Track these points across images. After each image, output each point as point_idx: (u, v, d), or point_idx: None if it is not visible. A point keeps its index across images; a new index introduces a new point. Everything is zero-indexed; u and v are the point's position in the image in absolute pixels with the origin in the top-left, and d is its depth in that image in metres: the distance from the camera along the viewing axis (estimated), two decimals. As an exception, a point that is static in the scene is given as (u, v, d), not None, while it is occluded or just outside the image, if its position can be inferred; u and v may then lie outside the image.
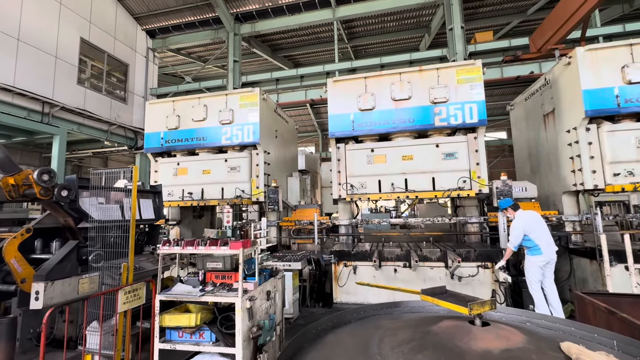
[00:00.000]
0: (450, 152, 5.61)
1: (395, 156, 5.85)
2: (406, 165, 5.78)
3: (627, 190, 4.91)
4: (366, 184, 5.92)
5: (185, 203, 6.78)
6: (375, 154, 5.94)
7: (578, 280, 5.43)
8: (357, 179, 5.98)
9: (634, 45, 5.10)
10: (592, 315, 2.92)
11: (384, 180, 5.85)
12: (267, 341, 2.79)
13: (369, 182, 5.92)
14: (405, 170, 5.79)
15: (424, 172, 5.70)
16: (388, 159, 5.87)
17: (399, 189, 5.74)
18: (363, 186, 5.93)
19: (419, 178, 5.72)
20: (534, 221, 4.52)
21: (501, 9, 11.85)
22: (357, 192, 5.93)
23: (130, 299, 3.10)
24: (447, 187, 5.57)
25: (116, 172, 4.43)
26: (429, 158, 5.70)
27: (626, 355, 1.67)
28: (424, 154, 5.73)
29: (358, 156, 6.04)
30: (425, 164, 5.71)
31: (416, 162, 5.74)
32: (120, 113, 11.25)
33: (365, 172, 5.96)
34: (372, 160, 5.93)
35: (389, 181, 5.82)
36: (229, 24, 11.67)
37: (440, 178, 5.63)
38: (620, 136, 5.00)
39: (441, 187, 5.61)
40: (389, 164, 5.85)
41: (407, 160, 5.78)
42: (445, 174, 5.62)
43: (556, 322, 2.10)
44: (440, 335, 1.61)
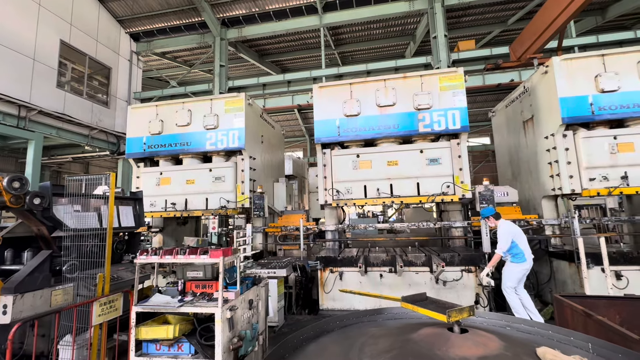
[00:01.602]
0: (434, 158, 5.69)
1: (380, 162, 5.90)
2: (391, 170, 5.84)
3: (602, 194, 5.09)
4: (352, 190, 5.94)
5: (168, 214, 6.61)
6: (361, 160, 5.98)
7: (558, 282, 5.56)
8: (343, 185, 5.99)
9: (606, 55, 5.32)
10: (570, 317, 2.98)
11: (369, 186, 5.89)
12: (249, 352, 2.72)
13: (355, 188, 5.94)
14: (391, 175, 5.84)
15: (409, 178, 5.77)
16: (373, 164, 5.91)
17: (384, 194, 5.78)
18: (349, 191, 5.94)
19: (404, 183, 5.78)
20: (518, 230, 4.63)
21: (483, 18, 12.23)
22: (343, 198, 5.94)
23: (106, 310, 2.99)
24: (432, 192, 5.64)
25: (96, 178, 4.29)
26: (413, 163, 5.78)
27: (600, 358, 1.70)
28: (408, 160, 5.80)
29: (344, 162, 6.06)
30: (410, 170, 5.78)
31: (401, 167, 5.81)
32: (102, 117, 10.97)
33: (351, 177, 5.98)
34: (357, 165, 5.96)
35: (374, 186, 5.86)
36: (216, 28, 11.60)
37: (424, 183, 5.71)
38: (595, 142, 5.19)
39: (426, 192, 5.68)
40: (375, 169, 5.89)
41: (392, 166, 5.83)
42: (429, 179, 5.70)
43: (534, 326, 2.13)
44: (420, 343, 1.60)
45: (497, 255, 4.56)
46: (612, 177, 5.07)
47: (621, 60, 5.27)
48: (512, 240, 4.54)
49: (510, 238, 4.54)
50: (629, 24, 12.71)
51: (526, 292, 4.61)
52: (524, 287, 4.66)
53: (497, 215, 4.79)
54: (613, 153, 5.09)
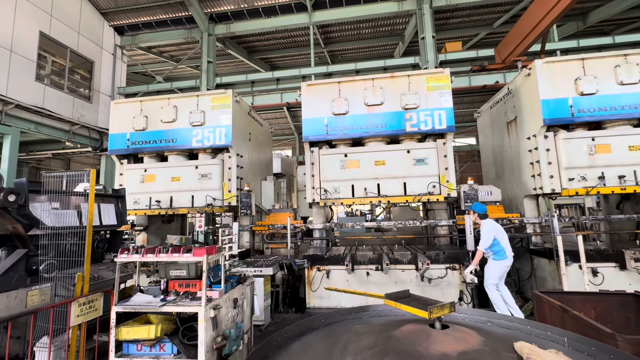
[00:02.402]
0: (421, 158, 5.76)
1: (368, 161, 5.93)
2: (379, 170, 5.88)
3: (581, 194, 5.26)
4: (340, 189, 5.95)
5: (152, 212, 6.47)
6: (349, 159, 6.00)
7: (538, 279, 5.73)
8: (330, 184, 6.00)
9: (585, 59, 5.50)
10: (549, 313, 3.08)
11: (357, 185, 5.91)
12: (233, 351, 2.69)
13: (343, 187, 5.96)
14: (378, 175, 5.88)
15: (396, 177, 5.82)
16: (361, 164, 5.94)
17: (371, 194, 5.81)
18: (337, 191, 5.96)
19: (391, 183, 5.83)
20: (500, 228, 4.76)
21: (470, 21, 12.44)
22: (330, 197, 5.95)
23: (86, 311, 2.90)
24: (418, 191, 5.71)
25: (76, 175, 4.15)
26: (400, 163, 5.83)
27: (575, 352, 1.76)
28: (395, 160, 5.85)
29: (332, 161, 6.07)
30: (397, 170, 5.83)
31: (388, 167, 5.86)
32: (84, 112, 10.64)
33: (339, 177, 5.99)
34: (345, 165, 5.98)
35: (362, 186, 5.89)
36: (203, 24, 11.41)
37: (411, 183, 5.77)
38: (575, 143, 5.35)
39: (412, 192, 5.74)
40: (362, 169, 5.92)
41: (379, 166, 5.88)
42: (416, 179, 5.76)
43: (514, 321, 2.18)
44: (402, 340, 1.62)
45: (479, 252, 4.67)
46: (590, 177, 5.24)
47: (600, 65, 5.45)
48: (494, 237, 4.66)
49: (492, 236, 4.66)
50: (609, 30, 13.16)
51: (507, 288, 4.73)
52: (505, 283, 4.79)
53: (484, 215, 4.90)
54: (591, 154, 5.27)
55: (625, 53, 5.44)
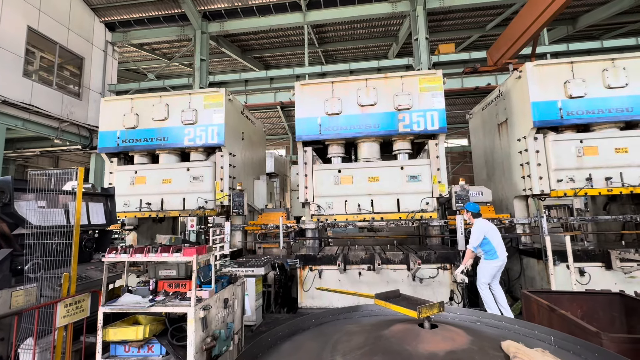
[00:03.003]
0: (414, 175, 5.78)
1: (361, 177, 5.93)
2: (372, 186, 5.88)
3: (569, 195, 5.36)
4: (333, 205, 5.95)
5: (143, 214, 6.37)
6: (342, 175, 5.98)
7: (527, 279, 5.81)
8: (324, 200, 5.99)
9: (574, 63, 5.60)
10: (537, 312, 3.12)
11: (350, 201, 5.91)
12: (223, 351, 2.67)
13: (336, 203, 5.95)
14: (372, 191, 5.88)
15: (389, 194, 5.83)
16: (355, 179, 5.94)
17: (365, 211, 5.83)
18: (330, 207, 5.96)
19: (384, 199, 5.83)
20: (492, 228, 4.80)
21: (463, 23, 12.56)
22: (324, 213, 5.96)
23: (72, 311, 2.85)
24: (411, 208, 5.73)
25: (64, 173, 4.07)
26: (394, 180, 5.84)
27: (561, 350, 1.78)
28: (389, 176, 5.86)
29: (325, 176, 6.04)
30: (390, 186, 5.84)
31: (382, 183, 5.86)
32: (74, 109, 10.44)
33: (332, 192, 5.98)
34: (339, 181, 5.96)
35: (355, 202, 5.89)
36: (196, 21, 11.30)
37: (404, 199, 5.79)
38: (563, 145, 5.45)
39: (405, 209, 5.76)
40: (356, 185, 5.92)
41: (373, 182, 5.87)
42: (409, 195, 5.78)
43: (502, 320, 2.20)
44: (391, 339, 1.62)
45: (468, 251, 4.71)
46: (578, 178, 5.34)
47: (588, 68, 5.56)
48: (483, 237, 4.70)
49: (482, 235, 4.69)
50: (597, 34, 13.43)
51: (501, 288, 4.76)
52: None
53: (477, 214, 4.93)
54: (579, 156, 5.37)
55: (613, 57, 5.56)
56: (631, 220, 5.67)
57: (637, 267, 4.75)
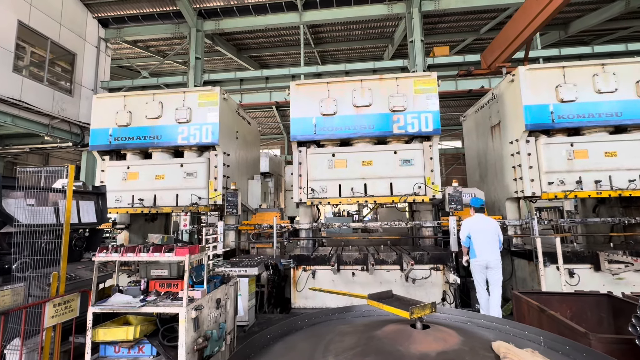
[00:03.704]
0: (407, 159, 5.83)
1: (355, 161, 5.97)
2: (366, 170, 5.92)
3: (559, 197, 5.44)
4: (327, 188, 5.96)
5: (135, 210, 6.30)
6: (336, 159, 6.01)
7: (519, 280, 5.89)
8: (318, 183, 6.00)
9: (566, 67, 5.69)
10: (527, 312, 3.16)
11: (344, 185, 5.94)
12: (215, 352, 2.65)
13: (330, 187, 5.97)
14: (365, 175, 5.92)
15: (383, 178, 5.88)
16: (349, 163, 5.97)
17: (358, 194, 5.85)
18: (324, 190, 5.96)
19: (377, 183, 5.87)
20: (478, 226, 4.81)
21: (457, 26, 12.67)
22: (317, 196, 5.95)
23: (61, 311, 2.80)
24: (404, 192, 5.78)
25: (55, 170, 4.00)
26: (387, 164, 5.89)
27: (550, 351, 1.81)
28: (382, 160, 5.90)
29: (319, 160, 6.07)
30: (383, 170, 5.89)
31: (375, 167, 5.90)
32: (65, 106, 10.28)
33: (326, 176, 6.00)
34: (333, 165, 5.99)
35: (349, 186, 5.92)
36: (192, 19, 11.21)
37: (397, 183, 5.83)
38: (554, 149, 5.53)
39: (398, 192, 5.81)
40: (350, 168, 5.95)
41: (366, 166, 5.92)
42: (402, 179, 5.83)
43: (493, 321, 2.22)
44: (383, 340, 1.63)
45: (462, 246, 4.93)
46: (568, 181, 5.43)
47: (579, 73, 5.65)
48: (467, 234, 4.80)
49: (465, 233, 4.82)
50: (588, 40, 13.67)
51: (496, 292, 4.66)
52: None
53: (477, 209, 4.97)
54: (570, 159, 5.46)
55: (603, 63, 5.66)
56: (619, 222, 5.78)
57: (624, 269, 4.84)
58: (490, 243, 4.72)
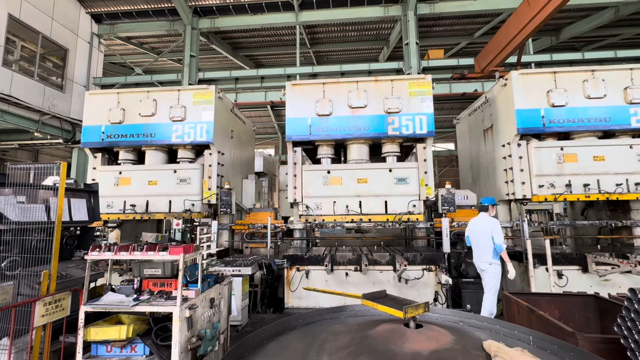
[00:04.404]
0: (402, 177, 5.87)
1: (350, 178, 5.97)
2: (361, 188, 5.93)
3: (549, 200, 5.55)
4: (322, 205, 5.96)
5: (126, 216, 6.22)
6: (332, 176, 6.00)
7: (509, 281, 5.96)
8: (312, 200, 6.00)
9: (557, 73, 5.81)
10: (517, 313, 3.23)
11: (339, 202, 5.93)
12: (209, 351, 2.65)
13: (325, 204, 5.96)
14: (360, 192, 5.93)
15: (377, 196, 5.89)
16: (343, 180, 5.97)
17: (353, 212, 5.87)
18: (319, 207, 5.97)
19: (372, 201, 5.89)
20: (473, 227, 4.91)
21: (452, 30, 12.82)
22: (312, 214, 5.97)
23: (51, 310, 2.77)
24: (399, 210, 5.81)
25: (45, 167, 3.94)
26: (382, 182, 5.91)
27: (539, 350, 1.86)
28: (377, 178, 5.92)
29: (314, 177, 6.05)
30: (378, 188, 5.91)
31: (370, 185, 5.92)
32: (56, 102, 10.11)
33: (321, 193, 5.99)
34: (328, 182, 5.99)
35: (344, 203, 5.92)
36: (187, 17, 11.13)
37: (392, 201, 5.86)
38: (545, 152, 5.64)
39: (393, 211, 5.83)
40: (345, 186, 5.96)
41: (361, 183, 5.92)
42: (397, 197, 5.85)
43: (484, 321, 2.27)
44: (377, 339, 1.65)
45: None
46: (558, 184, 5.54)
47: (570, 79, 5.77)
48: (467, 235, 4.92)
49: (466, 233, 4.94)
50: (579, 46, 13.95)
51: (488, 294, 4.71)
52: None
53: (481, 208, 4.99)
54: (560, 163, 5.57)
55: (593, 69, 5.79)
56: (607, 225, 5.92)
57: (611, 271, 4.96)
58: (480, 246, 4.74)
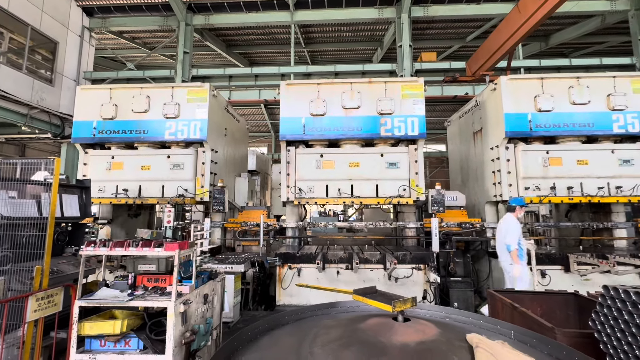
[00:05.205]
0: (393, 162, 6.00)
1: (343, 162, 6.09)
2: (353, 171, 6.05)
3: (535, 202, 5.74)
4: (314, 188, 6.05)
5: (118, 200, 6.20)
6: (325, 160, 6.11)
7: (495, 279, 6.15)
8: (305, 183, 6.08)
9: (544, 79, 5.99)
10: (501, 309, 3.36)
11: (331, 185, 6.04)
12: (202, 346, 2.69)
13: (317, 187, 6.06)
14: (352, 176, 6.05)
15: (369, 180, 6.02)
16: (336, 164, 6.08)
17: (345, 195, 5.96)
18: (311, 190, 6.05)
19: (364, 185, 6.00)
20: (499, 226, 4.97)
21: (445, 33, 13.01)
22: (305, 196, 6.03)
23: (44, 306, 2.77)
24: (389, 194, 5.94)
25: (34, 162, 3.90)
26: (373, 166, 6.04)
27: (520, 343, 1.97)
28: (369, 162, 6.05)
29: (308, 160, 6.15)
30: (370, 172, 6.03)
31: (362, 169, 6.04)
32: (45, 96, 9.92)
33: (314, 176, 6.09)
34: (321, 165, 6.08)
35: (336, 186, 6.02)
36: (181, 13, 11.04)
37: (383, 185, 5.99)
38: (531, 156, 5.83)
39: (384, 194, 5.96)
40: (337, 169, 6.07)
41: (354, 167, 6.04)
42: (388, 181, 5.99)
43: (469, 316, 2.37)
44: (367, 332, 1.73)
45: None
46: (543, 187, 5.73)
47: (556, 85, 5.97)
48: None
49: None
50: (567, 52, 14.33)
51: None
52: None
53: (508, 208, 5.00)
54: (545, 166, 5.76)
55: (578, 76, 6.00)
56: (589, 227, 6.14)
57: (591, 270, 5.16)
58: (499, 247, 4.83)
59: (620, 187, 5.58)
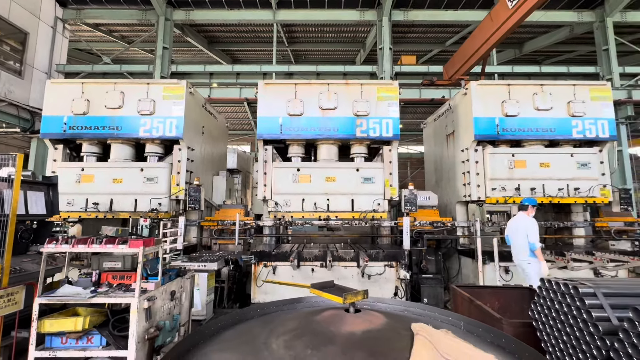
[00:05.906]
0: (369, 177, 6.14)
1: (319, 176, 6.15)
2: (329, 186, 6.13)
3: (501, 202, 6.03)
4: (290, 202, 6.10)
5: (88, 215, 5.99)
6: (301, 174, 6.16)
7: (464, 276, 6.43)
8: (282, 197, 6.12)
9: (511, 85, 6.30)
10: (460, 303, 3.55)
11: (307, 200, 6.09)
12: (168, 342, 2.72)
13: (294, 200, 6.11)
14: (328, 190, 6.13)
15: (345, 194, 6.13)
16: (313, 178, 6.14)
17: (321, 209, 6.07)
18: (287, 204, 6.10)
19: (340, 199, 6.11)
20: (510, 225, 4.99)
21: (425, 37, 13.36)
22: (281, 210, 6.10)
23: (3, 304, 2.72)
24: (365, 208, 6.07)
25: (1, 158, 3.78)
26: (349, 180, 6.15)
27: (467, 333, 2.12)
28: (345, 177, 6.16)
29: (284, 174, 6.18)
30: (346, 186, 6.14)
31: (338, 183, 6.13)
32: (13, 88, 9.50)
33: (290, 190, 6.13)
34: (297, 179, 6.13)
35: (312, 200, 6.09)
36: (160, 7, 10.83)
37: (358, 200, 6.11)
38: (498, 158, 6.12)
39: (359, 208, 6.08)
40: (314, 183, 6.13)
41: (330, 182, 6.13)
42: (363, 196, 6.11)
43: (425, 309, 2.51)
44: (320, 323, 1.83)
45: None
46: (509, 188, 6.03)
47: (522, 91, 6.29)
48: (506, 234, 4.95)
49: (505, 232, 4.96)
50: (540, 59, 15.00)
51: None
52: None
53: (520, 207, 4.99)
54: (511, 168, 6.06)
55: (542, 83, 6.34)
56: (551, 226, 6.51)
57: (550, 267, 5.48)
58: (516, 245, 4.77)
59: (578, 189, 5.95)
